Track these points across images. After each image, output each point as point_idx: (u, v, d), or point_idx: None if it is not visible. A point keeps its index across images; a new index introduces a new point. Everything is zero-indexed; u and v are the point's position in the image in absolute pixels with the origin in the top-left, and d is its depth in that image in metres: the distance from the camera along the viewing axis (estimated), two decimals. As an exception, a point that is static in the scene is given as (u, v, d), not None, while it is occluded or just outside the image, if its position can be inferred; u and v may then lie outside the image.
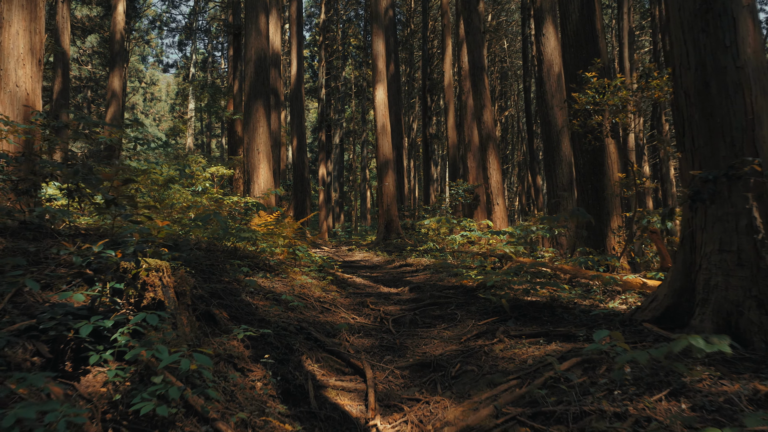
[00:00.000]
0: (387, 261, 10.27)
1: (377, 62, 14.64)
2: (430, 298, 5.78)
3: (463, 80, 18.89)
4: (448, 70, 20.94)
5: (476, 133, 18.48)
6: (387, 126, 14.36)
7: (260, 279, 5.36)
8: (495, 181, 10.59)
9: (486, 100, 11.12)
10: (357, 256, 11.73)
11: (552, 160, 13.45)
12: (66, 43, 21.91)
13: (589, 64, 8.48)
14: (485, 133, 10.78)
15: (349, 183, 50.84)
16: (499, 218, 10.53)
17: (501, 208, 10.48)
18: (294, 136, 18.46)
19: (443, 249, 11.51)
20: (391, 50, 22.79)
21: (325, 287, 5.97)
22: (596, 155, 8.28)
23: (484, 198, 18.34)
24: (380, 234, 13.94)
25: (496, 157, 10.68)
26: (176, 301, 3.36)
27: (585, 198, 8.36)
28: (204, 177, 9.47)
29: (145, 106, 51.12)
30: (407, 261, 9.67)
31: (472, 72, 11.27)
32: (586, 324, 4.39)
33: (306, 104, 51.24)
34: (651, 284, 5.25)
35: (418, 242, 13.70)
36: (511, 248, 6.34)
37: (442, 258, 10.02)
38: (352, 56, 46.10)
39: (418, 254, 10.84)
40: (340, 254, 12.51)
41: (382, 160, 14.29)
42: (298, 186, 18.13)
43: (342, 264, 10.21)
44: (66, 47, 21.85)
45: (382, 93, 14.47)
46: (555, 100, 13.73)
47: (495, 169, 10.57)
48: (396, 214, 13.96)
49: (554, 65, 13.84)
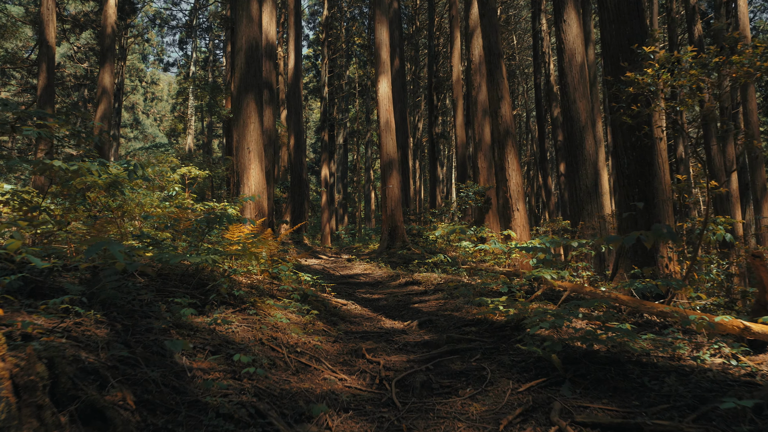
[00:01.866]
0: (390, 276, 8.77)
1: (380, 52, 13.15)
2: (447, 342, 4.26)
3: (473, 74, 17.37)
4: (456, 65, 19.41)
5: (487, 131, 16.94)
6: (391, 122, 12.86)
7: (218, 318, 3.87)
8: (515, 183, 9.08)
9: (504, 90, 9.61)
10: (357, 269, 10.24)
11: (575, 160, 11.94)
12: (51, 37, 20.52)
13: (635, 40, 6.96)
14: (503, 129, 9.26)
15: (353, 184, 49.38)
16: (519, 226, 9.01)
17: (522, 215, 8.96)
18: (291, 135, 16.99)
19: (455, 261, 10.01)
20: (396, 44, 21.29)
21: (308, 325, 4.46)
22: (644, 153, 6.76)
23: (496, 201, 16.79)
24: (383, 241, 12.43)
25: (515, 156, 9.17)
26: (15, 403, 1.89)
27: (630, 204, 6.83)
28: (173, 179, 7.99)
29: (146, 106, 49.81)
30: (414, 277, 8.17)
31: (487, 59, 9.76)
32: (690, 401, 2.88)
33: (309, 103, 49.81)
34: (757, 330, 3.73)
35: (426, 251, 12.20)
36: (551, 273, 4.82)
37: (455, 273, 8.51)
38: (357, 55, 44.62)
39: (426, 268, 9.33)
40: (338, 266, 11.02)
41: (386, 160, 12.80)
42: (295, 188, 16.66)
43: (338, 279, 8.71)
44: (51, 41, 20.46)
45: (385, 86, 12.97)
46: (578, 93, 12.21)
47: (514, 170, 9.06)
48: (401, 219, 12.45)
49: (576, 55, 12.31)
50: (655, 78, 4.81)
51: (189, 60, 43.91)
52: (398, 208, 12.48)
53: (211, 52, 44.75)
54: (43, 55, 20.39)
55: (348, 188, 48.64)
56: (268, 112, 14.91)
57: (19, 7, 31.63)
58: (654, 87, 4.89)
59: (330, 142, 36.46)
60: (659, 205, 6.65)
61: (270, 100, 15.02)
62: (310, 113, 51.92)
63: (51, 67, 20.55)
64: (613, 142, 7.22)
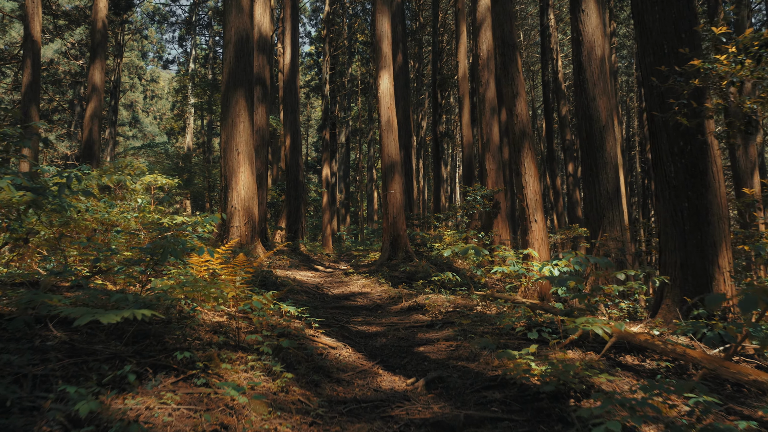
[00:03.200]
0: (391, 298, 7.60)
1: (381, 45, 11.95)
2: (465, 422, 3.10)
3: (481, 70, 16.17)
4: (462, 60, 18.20)
5: (496, 131, 15.74)
6: (393, 121, 11.68)
7: (144, 402, 2.72)
8: (532, 191, 7.91)
9: (520, 86, 8.43)
10: (354, 285, 9.07)
11: (594, 163, 10.76)
12: (37, 31, 19.37)
13: (684, 25, 5.77)
14: (519, 129, 8.09)
15: (356, 183, 48.21)
16: (537, 240, 7.84)
17: (540, 226, 7.79)
18: (287, 134, 15.83)
19: (465, 277, 8.86)
20: (399, 39, 20.07)
21: (279, 394, 3.30)
22: (697, 160, 5.57)
23: (505, 205, 15.60)
24: (385, 252, 11.26)
25: (532, 159, 7.99)
26: None
27: (678, 220, 5.64)
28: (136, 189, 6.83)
29: (146, 104, 48.70)
30: (418, 300, 7.01)
31: (501, 51, 8.57)
32: None
33: (311, 102, 48.64)
34: None
35: (431, 263, 11.02)
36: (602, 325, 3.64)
37: (465, 296, 7.34)
38: (359, 52, 43.40)
39: (432, 288, 8.17)
40: (334, 280, 9.86)
41: (388, 162, 11.63)
42: (291, 191, 15.49)
43: (331, 302, 7.55)
44: (36, 36, 19.32)
45: (387, 82, 11.79)
46: (598, 89, 11.02)
47: (532, 176, 7.89)
48: (404, 228, 11.27)
49: (596, 47, 11.12)
50: (734, 67, 3.63)
51: (189, 57, 42.78)
52: (401, 216, 11.31)
53: (211, 49, 43.58)
54: (28, 50, 19.25)
55: (350, 187, 47.47)
56: (260, 110, 13.75)
57: (12, 2, 30.54)
58: (733, 78, 3.70)
59: (332, 140, 35.28)
60: (714, 223, 5.46)
61: (263, 97, 13.85)
62: (311, 112, 50.75)
63: (36, 63, 19.41)
64: (654, 147, 6.03)
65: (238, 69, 11.87)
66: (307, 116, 49.97)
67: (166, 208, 7.62)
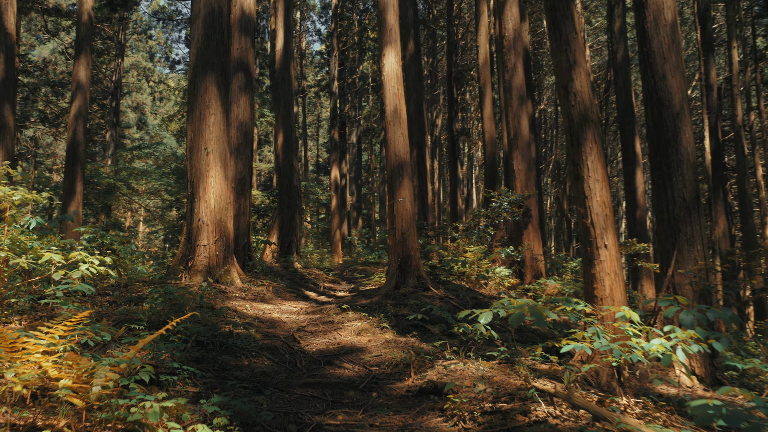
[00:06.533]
0: (395, 365, 4.98)
1: (386, 15, 9.31)
2: None
3: (506, 54, 13.44)
4: (483, 45, 15.46)
5: (525, 124, 13.02)
6: (401, 110, 9.03)
7: None
8: (600, 202, 5.26)
9: (578, 52, 5.77)
10: (346, 331, 6.46)
11: (665, 160, 7.98)
12: (10, 23, 17.05)
13: None
14: (579, 113, 5.45)
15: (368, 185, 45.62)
16: (609, 274, 5.19)
17: (612, 255, 5.14)
18: (280, 131, 13.26)
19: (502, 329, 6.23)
20: (410, 24, 17.41)
21: None
22: None
23: (537, 212, 12.86)
24: (391, 277, 8.61)
25: (599, 156, 5.34)
26: None
27: None
28: None
29: (154, 106, 46.63)
30: (435, 377, 4.41)
31: (550, 5, 5.88)
32: None
33: (321, 101, 46.13)
34: None
35: (449, 291, 8.35)
36: None
37: (508, 366, 4.70)
38: (370, 49, 40.79)
39: (461, 348, 5.50)
40: (322, 319, 7.25)
41: (395, 162, 8.99)
42: (284, 197, 12.91)
43: (304, 370, 4.96)
44: (10, 28, 17.00)
45: (393, 61, 9.14)
46: (669, 64, 8.24)
47: (599, 180, 5.24)
48: (416, 246, 8.61)
49: (665, 10, 8.35)
50: None
51: (195, 57, 40.56)
52: (411, 230, 8.65)
53: (218, 49, 41.29)
54: (1, 44, 16.96)
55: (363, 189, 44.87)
56: (243, 101, 11.18)
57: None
58: None
59: (341, 140, 32.70)
60: None
61: (246, 87, 11.28)
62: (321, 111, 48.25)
63: (10, 58, 17.07)
64: None
65: (208, 49, 9.32)
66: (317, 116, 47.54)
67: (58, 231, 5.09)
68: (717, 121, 15.98)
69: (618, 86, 15.67)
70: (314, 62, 46.89)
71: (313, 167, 49.40)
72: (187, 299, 6.67)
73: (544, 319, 3.15)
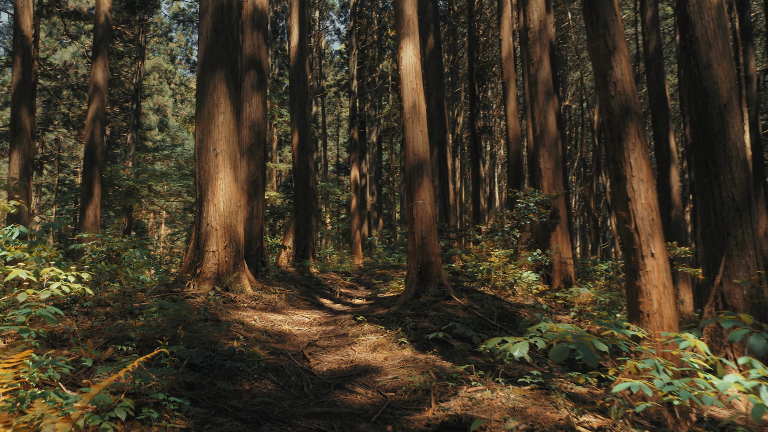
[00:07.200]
0: (413, 391, 4.42)
1: (403, 5, 8.71)
2: None
3: (531, 46, 12.75)
4: (506, 38, 14.77)
5: (552, 120, 12.31)
6: (420, 106, 8.43)
7: None
8: (644, 205, 4.61)
9: (618, 36, 5.11)
10: (360, 347, 5.90)
11: (711, 156, 7.27)
12: (27, 25, 16.94)
13: None
14: (620, 105, 4.80)
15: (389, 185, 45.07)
16: (657, 287, 4.53)
17: (661, 265, 4.48)
18: (295, 130, 12.76)
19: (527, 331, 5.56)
20: (429, 18, 16.79)
21: None
22: None
23: (565, 213, 12.14)
24: (411, 285, 8.02)
25: (643, 153, 4.69)
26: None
27: None
28: None
29: (175, 108, 46.76)
30: (459, 410, 3.83)
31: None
32: None
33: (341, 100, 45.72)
34: None
35: (473, 299, 7.73)
36: None
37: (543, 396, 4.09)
38: (390, 48, 40.19)
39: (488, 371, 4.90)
40: (335, 331, 6.70)
41: (413, 161, 8.40)
42: (299, 199, 12.40)
43: (312, 396, 4.43)
44: (27, 31, 16.88)
45: (411, 54, 8.55)
46: (714, 51, 7.49)
47: (643, 180, 4.58)
48: (437, 251, 8.01)
49: (709, -9, 7.68)
50: None
51: (215, 58, 40.49)
52: (432, 234, 8.05)
53: (238, 50, 41.17)
54: (18, 46, 16.82)
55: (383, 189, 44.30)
56: (255, 99, 10.71)
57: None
58: None
59: (361, 140, 32.18)
60: None
61: (258, 85, 10.80)
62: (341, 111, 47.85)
63: (27, 61, 16.95)
64: None
65: (217, 45, 8.86)
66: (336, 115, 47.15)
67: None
68: (757, 114, 15.02)
69: (650, 79, 14.82)
70: (334, 62, 46.54)
71: (333, 167, 49.04)
72: (190, 311, 6.19)
73: (594, 354, 2.54)
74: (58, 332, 4.52)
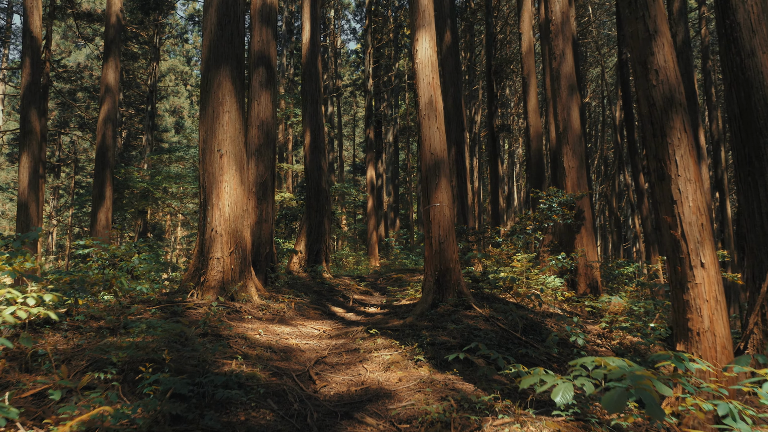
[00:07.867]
0: (434, 425, 3.86)
1: (418, -5, 8.16)
2: None
3: (553, 39, 12.09)
4: (526, 32, 14.11)
5: (575, 116, 11.66)
6: (437, 101, 7.88)
7: None
8: (692, 208, 3.99)
9: (659, 18, 4.52)
10: (372, 365, 5.37)
11: (756, 153, 6.58)
12: (36, 26, 16.73)
13: None
14: (662, 95, 4.19)
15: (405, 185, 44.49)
16: (709, 301, 3.91)
17: (711, 276, 3.86)
18: (307, 130, 12.29)
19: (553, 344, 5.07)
20: (446, 14, 16.17)
21: None
22: None
23: (590, 214, 11.48)
24: (428, 293, 7.47)
25: (690, 150, 4.07)
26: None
27: None
28: None
29: (192, 109, 46.74)
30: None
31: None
32: None
33: (357, 100, 45.27)
34: None
35: (494, 308, 7.15)
36: None
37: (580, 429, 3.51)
38: (406, 47, 39.62)
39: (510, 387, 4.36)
40: (345, 346, 6.19)
41: (430, 160, 7.85)
42: (311, 201, 11.91)
43: (321, 427, 3.90)
44: (36, 31, 16.67)
45: (427, 46, 7.99)
46: (758, 38, 6.81)
47: (690, 180, 3.96)
48: (455, 257, 7.45)
49: (754, -28, 7.00)
50: None
51: (230, 59, 40.33)
52: (450, 239, 7.49)
53: (253, 50, 40.95)
54: (27, 47, 16.62)
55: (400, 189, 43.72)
56: (264, 97, 10.24)
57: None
58: None
59: (377, 140, 31.67)
60: None
61: (268, 82, 10.34)
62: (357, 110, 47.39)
63: (37, 62, 16.74)
64: None
65: (222, 40, 8.41)
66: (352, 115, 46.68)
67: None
68: (794, 109, 14.16)
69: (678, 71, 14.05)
70: (349, 61, 46.11)
71: (350, 167, 48.61)
72: (189, 324, 5.72)
73: (658, 406, 1.98)
74: (34, 352, 4.06)
